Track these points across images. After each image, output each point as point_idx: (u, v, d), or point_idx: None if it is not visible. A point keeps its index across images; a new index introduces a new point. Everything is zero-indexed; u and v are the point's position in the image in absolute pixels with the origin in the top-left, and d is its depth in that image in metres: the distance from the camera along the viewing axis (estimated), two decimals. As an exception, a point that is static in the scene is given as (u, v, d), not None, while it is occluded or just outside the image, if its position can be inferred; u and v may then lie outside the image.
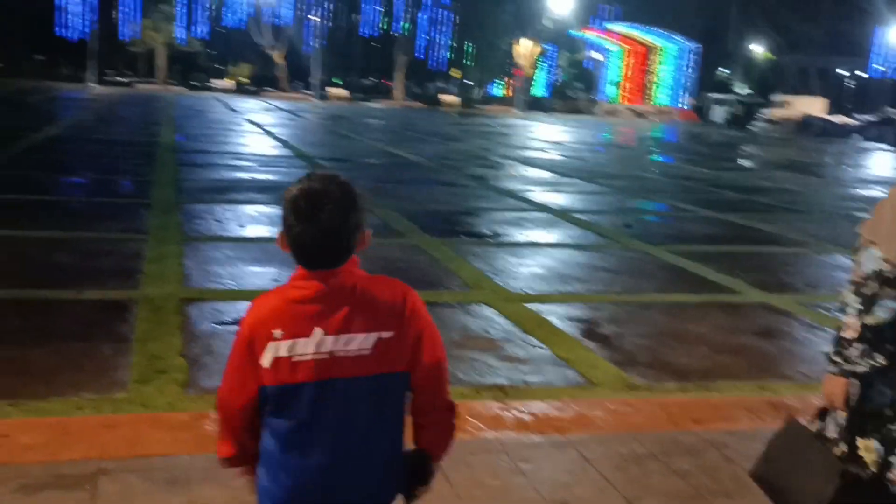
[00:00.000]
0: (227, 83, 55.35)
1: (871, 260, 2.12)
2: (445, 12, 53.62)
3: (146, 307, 4.98)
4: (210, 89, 51.53)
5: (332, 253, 1.58)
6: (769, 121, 46.19)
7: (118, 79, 52.63)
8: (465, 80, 71.39)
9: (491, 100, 64.18)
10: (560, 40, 57.82)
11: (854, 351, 2.13)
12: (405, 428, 1.68)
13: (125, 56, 60.91)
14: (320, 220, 1.54)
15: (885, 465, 2.16)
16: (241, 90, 53.28)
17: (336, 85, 58.57)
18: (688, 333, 5.28)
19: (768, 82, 59.71)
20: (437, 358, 1.69)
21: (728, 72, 66.74)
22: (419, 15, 53.55)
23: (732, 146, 28.77)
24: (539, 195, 11.72)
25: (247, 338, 1.59)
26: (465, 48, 57.96)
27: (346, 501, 1.63)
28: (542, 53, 58.18)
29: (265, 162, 14.06)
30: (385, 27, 54.68)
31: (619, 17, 53.65)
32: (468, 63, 60.72)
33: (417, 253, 7.27)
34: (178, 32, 52.99)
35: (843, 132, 37.89)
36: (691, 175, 16.48)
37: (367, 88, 67.20)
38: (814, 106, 48.32)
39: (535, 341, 4.86)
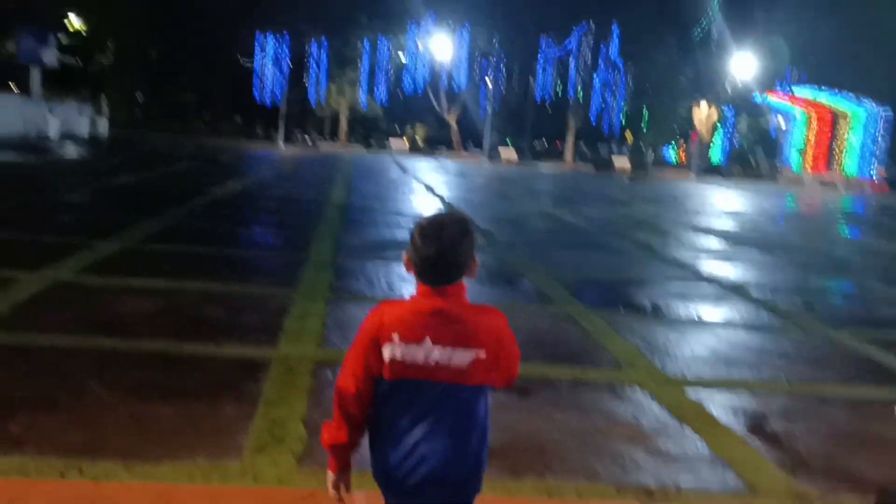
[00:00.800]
0: (402, 144, 57.43)
1: None
2: (620, 76, 53.02)
3: (279, 367, 4.86)
4: (387, 150, 53.65)
5: (448, 269, 1.98)
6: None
7: (304, 139, 56.00)
8: (637, 144, 70.19)
9: (664, 164, 62.55)
10: (740, 104, 55.57)
11: None
12: (488, 433, 2.05)
13: (312, 119, 64.87)
14: (441, 239, 1.96)
15: None
16: (415, 150, 55.16)
17: (507, 147, 59.29)
18: (873, 436, 4.49)
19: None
20: (513, 375, 2.09)
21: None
22: (593, 79, 53.26)
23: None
24: (709, 266, 10.93)
25: (370, 335, 1.98)
26: (639, 112, 56.94)
27: (436, 484, 1.97)
28: (721, 118, 56.16)
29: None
30: (558, 92, 54.81)
31: (804, 81, 50.79)
32: (642, 127, 59.61)
33: (568, 323, 6.82)
34: (361, 96, 55.70)
35: None
36: (884, 251, 14.92)
37: (537, 151, 67.59)
38: None
39: (691, 434, 4.28)
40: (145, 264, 7.90)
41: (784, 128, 56.41)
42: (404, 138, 63.39)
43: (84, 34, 56.43)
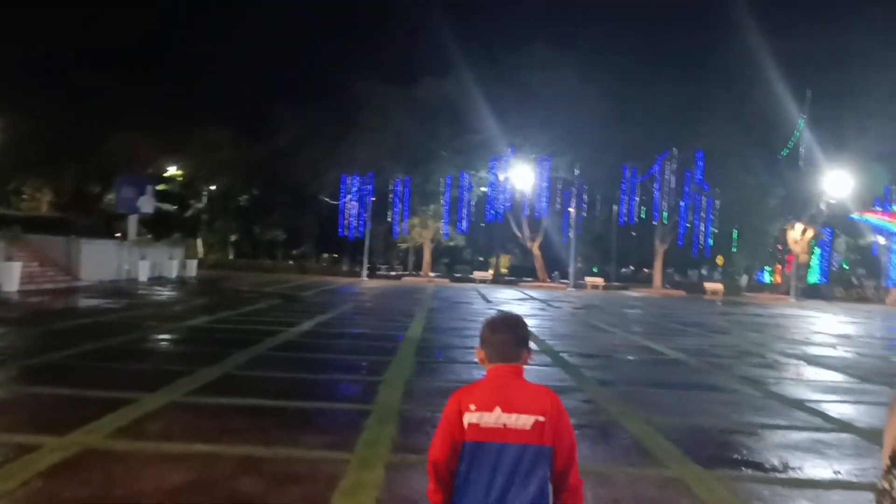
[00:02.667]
0: (486, 274, 56.97)
1: None
2: (708, 199, 51.75)
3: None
4: (470, 281, 53.20)
5: (514, 352, 2.71)
6: None
7: (388, 272, 56.25)
8: (729, 267, 67.86)
9: (759, 287, 59.92)
10: (837, 224, 53.27)
11: None
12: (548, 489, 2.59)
13: (396, 251, 65.51)
14: (508, 329, 2.75)
15: None
16: (498, 281, 54.50)
17: (593, 274, 58.05)
18: None
19: None
20: (572, 441, 2.66)
21: None
22: (679, 202, 52.14)
23: None
24: (836, 407, 9.40)
25: (455, 410, 2.62)
26: (730, 234, 55.14)
27: None
28: (817, 238, 53.80)
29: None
30: (643, 216, 53.79)
31: (905, 197, 48.41)
32: (733, 249, 57.59)
33: (680, 492, 5.54)
34: (443, 228, 56.00)
35: None
36: None
37: (623, 277, 66.06)
38: None
39: None
40: (186, 423, 7.04)
41: (886, 246, 53.54)
42: (489, 269, 63.10)
43: (180, 180, 59.34)
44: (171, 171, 58.62)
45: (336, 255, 66.04)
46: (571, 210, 52.66)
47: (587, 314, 25.45)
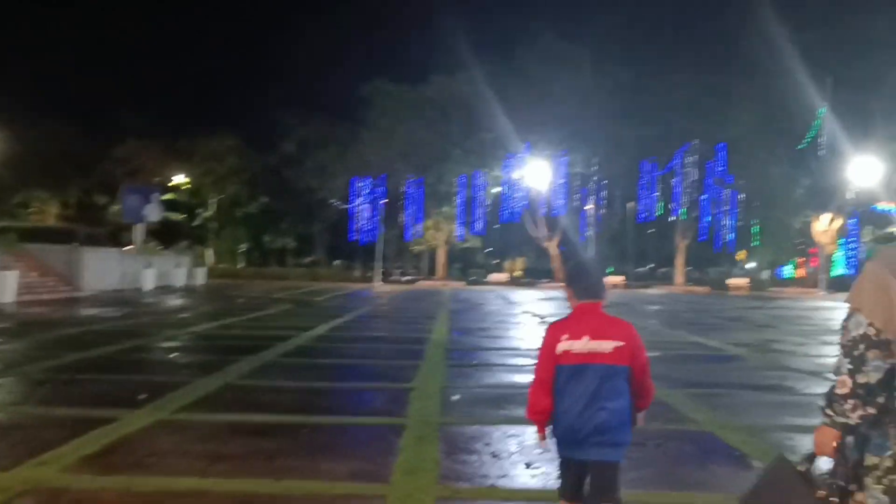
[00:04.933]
0: (502, 276, 55.39)
1: (858, 325, 2.40)
2: (730, 192, 50.02)
3: None
4: (486, 283, 51.64)
5: (599, 291, 3.30)
6: None
7: (401, 277, 54.74)
8: (751, 262, 66.01)
9: (782, 281, 58.13)
10: (863, 214, 51.41)
11: (847, 405, 2.38)
12: (631, 403, 3.19)
13: (409, 255, 64.00)
14: (594, 271, 3.37)
15: None
16: (515, 283, 52.86)
17: (610, 273, 56.22)
18: None
19: None
20: (644, 360, 3.23)
21: None
22: (700, 197, 50.45)
23: None
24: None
25: (551, 339, 3.21)
26: (752, 228, 53.37)
27: (594, 434, 3.09)
28: (843, 229, 51.94)
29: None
30: (662, 212, 52.11)
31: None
32: (756, 243, 55.81)
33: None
34: (458, 230, 54.44)
35: None
36: None
37: (641, 275, 64.24)
38: None
39: None
40: (171, 448, 5.55)
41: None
42: (505, 270, 61.49)
43: (188, 189, 58.11)
44: (178, 179, 57.37)
45: (348, 261, 64.55)
46: (589, 208, 51.05)
47: (616, 311, 23.82)
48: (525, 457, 5.48)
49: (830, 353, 12.72)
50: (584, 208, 51.75)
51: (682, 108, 46.29)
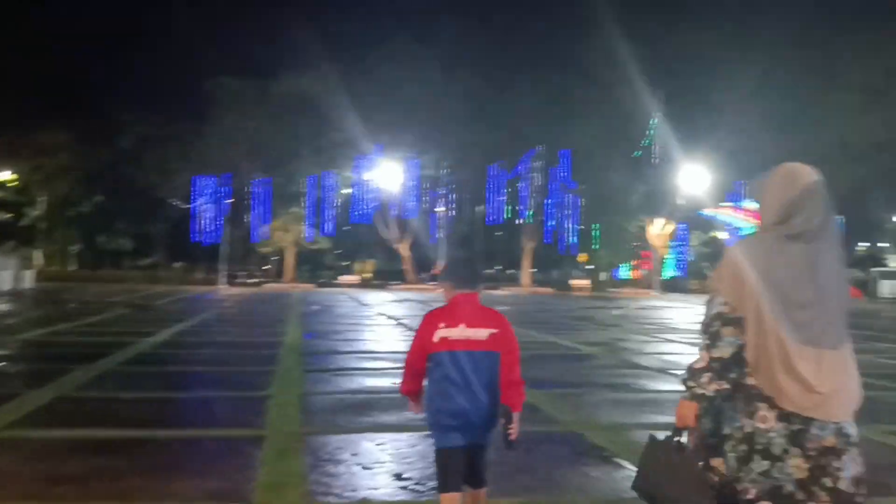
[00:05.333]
0: (353, 279, 54.84)
1: (715, 305, 2.63)
2: (573, 197, 51.99)
3: None
4: (337, 285, 50.95)
5: (474, 281, 3.48)
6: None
7: (247, 280, 53.01)
8: (591, 264, 68.97)
9: (619, 282, 61.05)
10: (692, 219, 54.86)
11: (704, 378, 2.59)
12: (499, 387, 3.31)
13: (255, 257, 62.11)
14: (470, 264, 3.61)
15: (736, 478, 2.56)
16: (366, 285, 52.47)
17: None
18: None
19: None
20: (515, 348, 3.39)
21: (868, 244, 62.13)
22: (545, 201, 52.11)
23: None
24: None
25: (427, 327, 3.33)
26: (593, 231, 55.79)
27: (470, 418, 3.24)
28: (674, 233, 55.26)
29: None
30: (509, 215, 53.44)
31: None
32: (596, 246, 58.40)
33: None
34: (307, 231, 53.34)
35: None
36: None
37: (491, 276, 65.57)
38: None
39: None
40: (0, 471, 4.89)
41: (731, 238, 56.00)
42: (355, 273, 60.91)
43: (14, 187, 53.69)
44: (4, 176, 52.79)
45: (190, 264, 61.62)
46: (440, 210, 51.53)
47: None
48: (396, 466, 5.23)
49: (675, 351, 13.32)
50: (435, 210, 52.18)
51: (528, 114, 47.59)
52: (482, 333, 3.29)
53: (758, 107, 44.08)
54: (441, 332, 3.28)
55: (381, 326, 18.34)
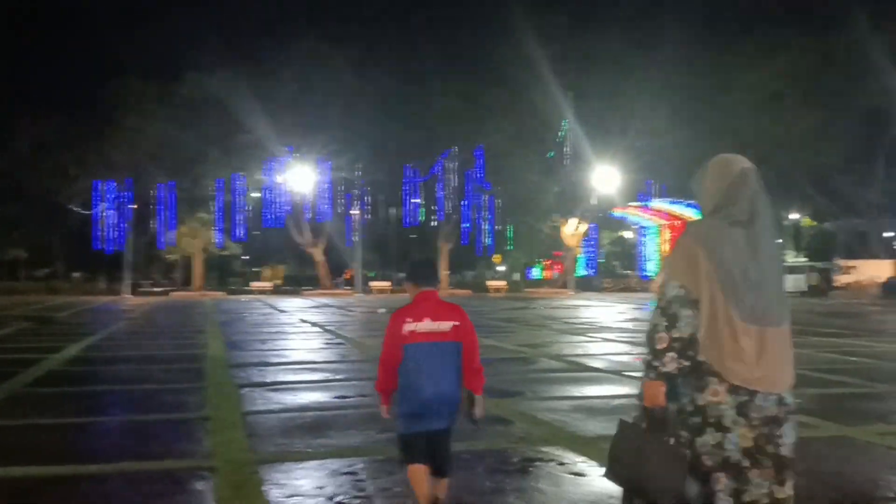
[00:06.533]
0: (266, 285, 53.29)
1: (671, 288, 2.77)
2: (488, 198, 51.97)
3: None
4: (248, 292, 49.37)
5: (434, 279, 3.91)
6: (835, 287, 45.11)
7: (153, 288, 50.78)
8: (505, 264, 69.29)
9: (533, 282, 61.50)
10: (601, 219, 55.76)
11: (666, 358, 2.73)
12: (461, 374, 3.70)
13: (162, 265, 59.63)
14: (430, 265, 4.04)
15: (691, 450, 2.72)
16: (279, 291, 51.04)
17: (370, 279, 55.66)
18: None
19: (819, 249, 57.54)
20: (474, 338, 3.76)
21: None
22: (461, 203, 51.92)
23: (851, 315, 25.22)
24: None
25: (396, 324, 3.65)
26: (508, 232, 56.00)
27: (438, 405, 3.59)
28: (587, 233, 56.03)
29: (346, 371, 10.70)
30: (425, 217, 53.04)
31: (665, 194, 51.67)
32: (510, 247, 58.65)
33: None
34: (216, 237, 51.51)
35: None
36: (853, 351, 12.79)
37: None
38: (882, 269, 46.58)
39: None
40: None
41: (635, 240, 57.58)
42: (268, 278, 59.26)
43: None
44: None
45: (91, 273, 58.54)
46: (354, 213, 50.64)
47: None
48: (367, 498, 4.62)
49: (617, 351, 13.10)
50: (350, 213, 51.28)
51: (442, 115, 47.30)
52: (446, 326, 3.66)
53: (665, 107, 45.08)
54: (408, 327, 3.62)
55: (307, 334, 17.54)
